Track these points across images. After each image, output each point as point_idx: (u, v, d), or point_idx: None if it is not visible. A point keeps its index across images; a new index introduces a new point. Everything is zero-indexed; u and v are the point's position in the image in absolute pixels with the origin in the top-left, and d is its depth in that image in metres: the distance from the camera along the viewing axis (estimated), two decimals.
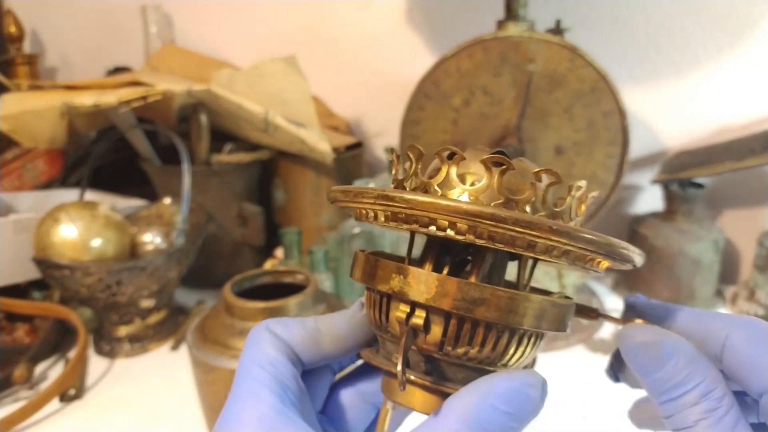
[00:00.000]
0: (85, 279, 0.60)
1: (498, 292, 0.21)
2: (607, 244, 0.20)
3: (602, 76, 0.61)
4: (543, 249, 0.20)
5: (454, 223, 0.20)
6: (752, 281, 0.72)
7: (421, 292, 0.21)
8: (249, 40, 0.97)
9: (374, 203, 0.21)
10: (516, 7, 0.63)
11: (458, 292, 0.21)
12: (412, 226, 0.21)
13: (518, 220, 0.19)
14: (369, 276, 0.23)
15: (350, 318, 0.26)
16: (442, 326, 0.21)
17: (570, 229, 0.19)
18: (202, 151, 0.77)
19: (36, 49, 1.11)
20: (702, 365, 0.20)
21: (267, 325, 0.25)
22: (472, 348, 0.22)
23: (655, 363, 0.20)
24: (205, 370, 0.46)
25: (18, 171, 0.80)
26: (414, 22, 0.88)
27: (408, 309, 0.22)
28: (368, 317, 0.25)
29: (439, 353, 0.22)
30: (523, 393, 0.20)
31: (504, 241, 0.20)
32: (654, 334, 0.21)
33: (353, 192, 0.22)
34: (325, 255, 0.67)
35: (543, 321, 0.22)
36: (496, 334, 0.21)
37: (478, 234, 0.20)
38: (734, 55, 0.75)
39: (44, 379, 0.61)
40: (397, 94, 0.87)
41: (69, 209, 0.62)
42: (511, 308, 0.21)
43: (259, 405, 0.21)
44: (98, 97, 0.69)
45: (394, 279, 0.22)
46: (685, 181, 0.73)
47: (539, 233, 0.19)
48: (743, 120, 0.77)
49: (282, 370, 0.23)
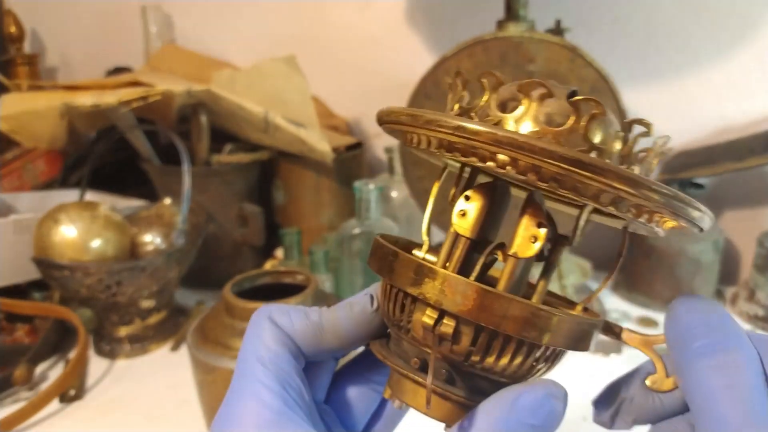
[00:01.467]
0: (85, 279, 0.60)
1: (540, 312, 0.19)
2: (672, 197, 0.18)
3: (602, 76, 0.61)
4: (608, 199, 0.18)
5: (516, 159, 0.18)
6: (752, 281, 0.72)
7: (456, 303, 0.20)
8: (249, 41, 0.97)
9: (452, 134, 0.19)
10: (516, 7, 0.63)
11: (499, 307, 0.19)
12: (470, 160, 0.19)
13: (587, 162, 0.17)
14: (396, 274, 0.21)
15: (357, 313, 0.24)
16: (470, 337, 0.20)
17: (633, 176, 0.17)
18: (202, 151, 0.77)
19: (36, 49, 1.11)
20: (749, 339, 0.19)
21: (269, 314, 0.24)
22: (500, 361, 0.21)
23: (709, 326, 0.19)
24: (205, 371, 0.46)
25: (18, 171, 0.80)
26: (414, 22, 0.88)
27: (436, 315, 0.20)
28: (383, 310, 0.23)
29: (464, 364, 0.21)
30: (548, 405, 0.19)
31: (548, 177, 0.18)
32: (708, 303, 0.20)
33: (404, 116, 0.20)
34: (326, 255, 0.67)
35: (575, 341, 0.21)
36: (526, 350, 0.20)
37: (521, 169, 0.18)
38: (734, 55, 0.75)
39: (44, 380, 0.61)
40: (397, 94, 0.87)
41: (69, 209, 0.62)
42: (548, 327, 0.20)
43: (259, 407, 0.20)
44: (98, 98, 0.69)
45: (427, 284, 0.20)
46: (685, 181, 0.73)
47: (615, 183, 0.17)
48: (743, 120, 0.77)
49: (283, 366, 0.22)
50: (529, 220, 0.21)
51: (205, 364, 0.46)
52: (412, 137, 0.21)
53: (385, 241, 0.23)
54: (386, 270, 0.22)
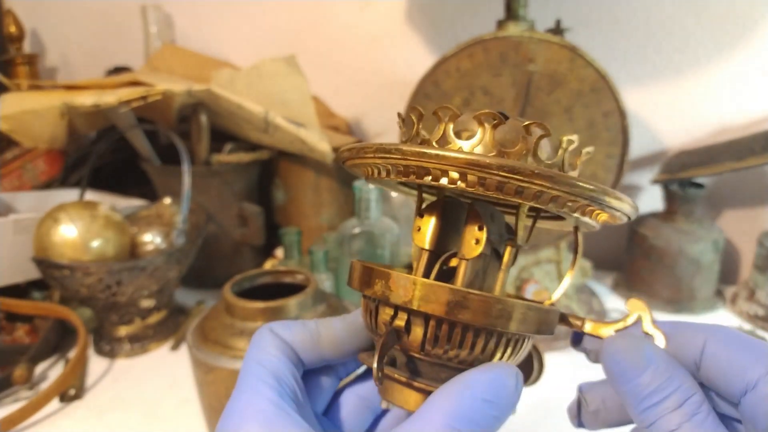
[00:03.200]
0: (85, 279, 0.60)
1: (470, 295, 0.22)
2: (590, 189, 0.21)
3: (602, 76, 0.61)
4: (531, 195, 0.20)
5: (446, 171, 0.21)
6: (752, 281, 0.72)
7: (399, 296, 0.22)
8: (249, 40, 0.97)
9: (373, 157, 0.22)
10: (516, 7, 0.63)
11: (433, 294, 0.22)
12: (410, 177, 0.22)
13: (503, 165, 0.20)
14: (360, 282, 0.24)
15: (349, 323, 0.27)
16: (422, 327, 0.22)
17: (552, 173, 0.20)
18: (202, 151, 0.77)
19: (36, 49, 1.11)
20: (679, 371, 0.21)
21: (270, 327, 0.26)
22: (451, 348, 0.23)
23: (635, 368, 0.21)
24: (205, 370, 0.46)
25: (18, 171, 0.80)
26: (414, 22, 0.88)
27: (392, 312, 0.23)
28: (365, 323, 0.26)
29: (420, 353, 0.23)
30: (499, 382, 0.21)
31: (493, 187, 0.20)
32: (635, 342, 0.22)
33: (357, 148, 0.23)
34: (325, 255, 0.67)
35: (519, 323, 0.22)
36: (473, 335, 0.22)
37: (470, 182, 0.20)
38: (734, 55, 0.75)
39: (44, 379, 0.61)
40: (397, 94, 0.87)
41: (69, 209, 0.62)
42: (483, 309, 0.22)
43: (258, 399, 0.22)
44: (98, 97, 0.69)
45: (378, 284, 0.23)
46: (685, 181, 0.73)
47: (523, 177, 0.20)
48: (743, 120, 0.77)
49: (280, 366, 0.24)
50: (472, 226, 0.24)
51: (205, 364, 0.46)
52: (366, 170, 0.24)
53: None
54: (355, 281, 0.25)
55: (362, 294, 0.25)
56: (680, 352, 0.23)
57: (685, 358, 0.22)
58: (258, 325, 0.46)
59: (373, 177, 0.24)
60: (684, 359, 0.22)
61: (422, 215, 0.26)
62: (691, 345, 0.22)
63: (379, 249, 0.68)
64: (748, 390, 0.20)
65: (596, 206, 0.22)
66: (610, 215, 0.23)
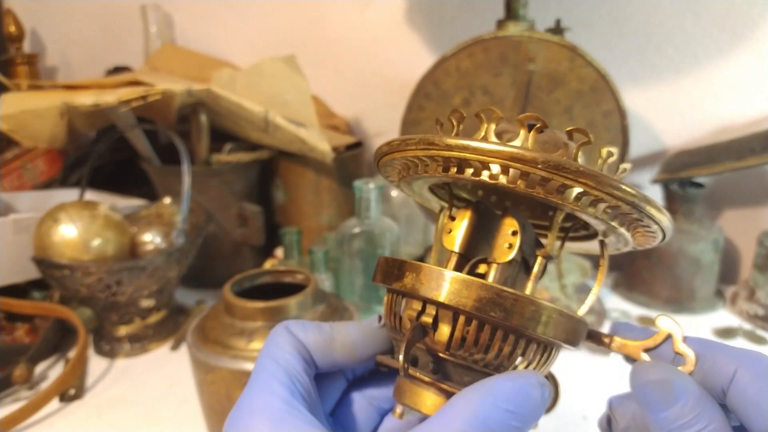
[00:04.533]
0: (85, 279, 0.60)
1: (504, 293, 0.21)
2: (633, 195, 0.20)
3: (602, 76, 0.61)
4: (572, 195, 0.20)
5: (487, 164, 0.20)
6: (752, 281, 0.72)
7: (430, 288, 0.21)
8: (249, 40, 0.97)
9: (416, 148, 0.22)
10: (516, 7, 0.63)
11: (465, 289, 0.21)
12: (449, 172, 0.22)
13: (548, 160, 0.19)
14: (386, 276, 0.24)
15: (364, 328, 0.26)
16: (450, 326, 0.22)
17: (597, 173, 0.19)
18: (202, 151, 0.77)
19: (36, 49, 1.11)
20: (710, 408, 0.20)
21: (286, 325, 0.26)
22: (477, 350, 0.22)
23: (664, 401, 0.20)
24: (205, 370, 0.46)
25: (18, 171, 0.80)
26: (414, 22, 0.88)
27: (420, 307, 0.22)
28: (386, 323, 0.25)
29: (445, 353, 0.22)
30: (524, 392, 0.20)
31: (535, 183, 0.20)
32: (665, 373, 0.21)
33: (399, 141, 0.23)
34: (325, 255, 0.67)
35: (549, 328, 0.22)
36: (502, 336, 0.22)
37: (511, 178, 0.20)
38: (734, 55, 0.75)
39: (44, 379, 0.61)
40: (397, 94, 0.87)
41: (69, 209, 0.62)
42: (515, 309, 0.21)
43: (269, 396, 0.22)
44: (98, 97, 0.69)
45: (408, 276, 0.22)
46: (685, 180, 0.73)
47: (567, 174, 0.19)
48: (743, 120, 0.77)
49: (294, 364, 0.24)
50: (505, 230, 0.24)
51: (205, 364, 0.46)
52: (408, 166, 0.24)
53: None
54: (380, 275, 0.24)
55: (388, 288, 0.24)
56: (709, 376, 0.22)
57: (713, 384, 0.22)
58: (258, 325, 0.46)
59: (407, 176, 0.24)
60: (712, 384, 0.22)
61: (454, 218, 0.25)
62: (721, 371, 0.21)
63: (379, 249, 0.68)
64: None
65: (636, 213, 0.21)
66: (645, 231, 0.22)
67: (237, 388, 0.45)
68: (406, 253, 0.77)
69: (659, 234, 0.23)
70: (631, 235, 0.23)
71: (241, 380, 0.44)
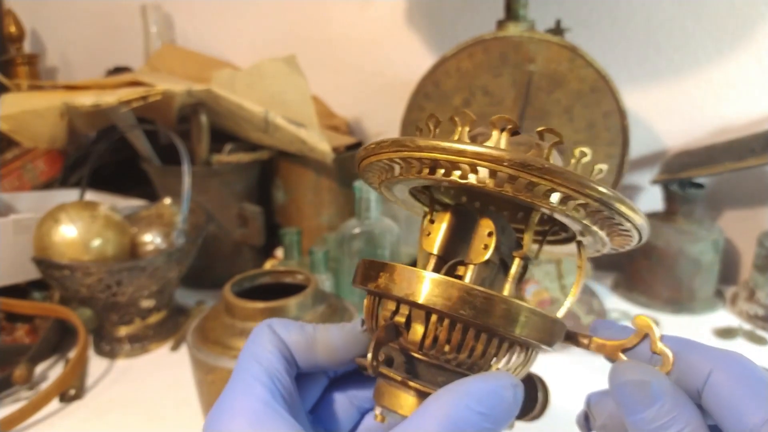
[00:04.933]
0: (85, 279, 0.60)
1: (474, 291, 0.21)
2: (602, 192, 0.20)
3: (602, 76, 0.61)
4: (541, 193, 0.20)
5: (456, 163, 0.20)
6: (752, 281, 0.72)
7: (402, 288, 0.22)
8: (249, 40, 0.97)
9: (388, 150, 0.22)
10: (516, 7, 0.63)
11: (437, 288, 0.21)
12: (422, 173, 0.22)
13: (513, 158, 0.19)
14: (364, 277, 0.24)
15: (347, 332, 0.26)
16: (423, 325, 0.22)
17: (564, 170, 0.19)
18: (202, 151, 0.77)
19: (36, 49, 1.11)
20: (686, 409, 0.21)
21: (269, 324, 0.26)
22: (450, 349, 0.22)
23: (641, 403, 0.21)
24: (205, 370, 0.46)
25: (18, 171, 0.80)
26: (414, 22, 0.88)
27: (394, 307, 0.23)
28: (366, 325, 0.25)
29: (418, 352, 0.23)
30: (496, 394, 0.20)
31: (503, 181, 0.20)
32: (643, 374, 0.21)
33: (374, 144, 0.23)
34: (325, 255, 0.67)
35: (521, 327, 0.22)
36: (474, 335, 0.22)
37: (480, 177, 0.20)
38: (734, 55, 0.75)
39: (44, 379, 0.61)
40: (397, 94, 0.87)
41: (69, 209, 0.62)
42: (486, 308, 0.21)
43: (249, 397, 0.22)
44: (98, 97, 0.69)
45: (382, 277, 0.23)
46: (685, 181, 0.73)
47: (534, 171, 0.19)
48: (743, 120, 0.77)
49: (275, 365, 0.24)
50: (481, 231, 0.24)
51: (205, 364, 0.46)
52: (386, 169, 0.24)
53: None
54: (359, 277, 0.24)
55: (366, 290, 0.25)
56: (684, 376, 0.22)
57: (688, 384, 0.22)
58: None
59: (385, 180, 0.24)
60: (687, 384, 0.22)
61: (433, 221, 0.25)
62: (696, 371, 0.21)
63: (379, 249, 0.68)
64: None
65: (607, 211, 0.21)
66: (620, 230, 0.22)
67: None
68: (406, 254, 0.77)
69: (634, 233, 0.23)
70: (607, 235, 0.23)
71: None
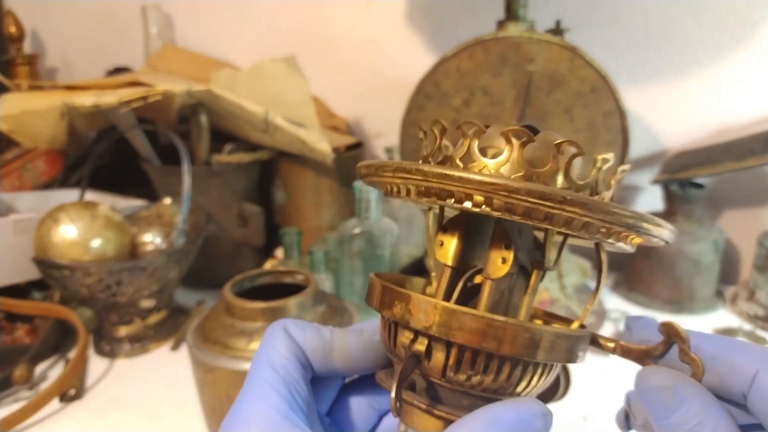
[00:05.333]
0: (85, 279, 0.60)
1: (495, 323, 0.20)
2: (627, 216, 0.19)
3: (602, 77, 0.61)
4: (561, 221, 0.19)
5: (470, 194, 0.19)
6: (752, 281, 0.72)
7: (420, 320, 0.21)
8: (249, 41, 0.97)
9: (393, 176, 0.21)
10: (516, 8, 0.63)
11: (455, 321, 0.20)
12: (431, 198, 0.21)
13: (531, 190, 0.18)
14: (379, 303, 0.23)
15: (365, 340, 0.26)
16: (444, 353, 0.21)
17: (586, 200, 0.18)
18: (202, 152, 0.77)
19: (36, 49, 1.11)
20: (716, 414, 0.20)
21: (284, 325, 0.25)
22: (474, 376, 0.21)
23: (668, 407, 0.20)
24: (205, 370, 0.46)
25: (18, 171, 0.80)
26: (414, 22, 0.88)
27: (412, 335, 0.22)
28: (383, 341, 0.25)
29: (441, 380, 0.22)
30: (527, 422, 0.19)
31: (520, 212, 0.19)
32: (670, 379, 0.21)
33: (375, 166, 0.22)
34: (325, 255, 0.67)
35: (546, 353, 0.21)
36: (498, 363, 0.21)
37: (495, 207, 0.19)
38: (734, 55, 0.75)
39: (44, 379, 0.61)
40: (397, 94, 0.87)
41: (69, 209, 0.62)
42: (509, 338, 0.20)
43: (266, 407, 0.21)
44: (98, 98, 0.69)
45: (397, 306, 0.22)
46: (685, 181, 0.73)
47: (553, 204, 0.18)
48: (743, 120, 0.77)
49: (292, 373, 0.23)
50: (498, 244, 0.22)
51: (205, 364, 0.46)
52: (386, 187, 0.23)
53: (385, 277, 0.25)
54: (374, 300, 0.23)
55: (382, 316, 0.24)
56: (727, 378, 0.21)
57: (731, 386, 0.21)
58: (258, 326, 0.46)
59: (393, 194, 0.23)
60: (730, 387, 0.21)
61: (446, 230, 0.24)
62: (740, 373, 0.21)
63: (379, 249, 0.68)
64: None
65: (633, 233, 0.20)
66: (646, 240, 0.21)
67: (237, 389, 0.44)
68: (406, 254, 0.77)
69: (661, 242, 0.22)
70: (630, 245, 0.22)
71: (241, 380, 0.44)
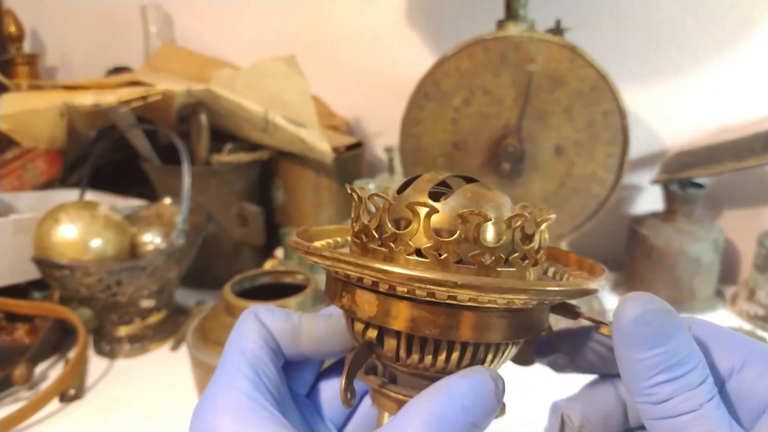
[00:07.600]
0: (85, 279, 0.60)
1: (435, 309, 0.21)
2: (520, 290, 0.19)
3: (602, 76, 0.61)
4: (466, 299, 0.19)
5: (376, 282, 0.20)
6: (752, 281, 0.72)
7: (365, 311, 0.22)
8: (249, 40, 0.97)
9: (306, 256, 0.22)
10: (516, 7, 0.63)
11: (394, 310, 0.21)
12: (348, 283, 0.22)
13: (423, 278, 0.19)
14: (331, 294, 0.24)
15: (333, 324, 0.26)
16: (395, 339, 0.22)
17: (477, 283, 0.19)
18: (202, 151, 0.77)
19: (36, 49, 1.11)
20: (696, 348, 0.19)
21: (255, 311, 0.26)
22: (425, 359, 0.22)
23: (663, 335, 0.18)
24: (205, 371, 0.46)
25: (18, 171, 0.80)
26: (414, 22, 0.88)
27: (363, 325, 0.23)
28: (347, 325, 0.25)
29: (395, 363, 0.23)
30: (479, 387, 0.20)
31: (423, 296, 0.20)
32: (663, 303, 0.19)
33: (303, 248, 0.22)
34: None
35: (499, 332, 0.21)
36: (446, 346, 0.22)
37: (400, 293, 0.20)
38: (734, 54, 0.75)
39: (44, 379, 0.61)
40: (397, 94, 0.87)
41: (69, 209, 0.62)
42: (451, 323, 0.21)
43: (233, 391, 0.22)
44: (98, 97, 0.69)
45: (345, 297, 0.22)
46: (685, 181, 0.73)
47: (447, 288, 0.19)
48: (743, 120, 0.77)
49: (260, 356, 0.24)
50: None
51: (205, 364, 0.46)
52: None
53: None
54: (327, 291, 0.24)
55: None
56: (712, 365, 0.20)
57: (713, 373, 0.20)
58: None
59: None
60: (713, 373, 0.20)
61: None
62: (725, 358, 0.20)
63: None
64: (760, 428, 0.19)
65: (543, 299, 0.20)
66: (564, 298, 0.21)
67: None
68: None
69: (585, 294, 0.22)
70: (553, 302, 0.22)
71: None
